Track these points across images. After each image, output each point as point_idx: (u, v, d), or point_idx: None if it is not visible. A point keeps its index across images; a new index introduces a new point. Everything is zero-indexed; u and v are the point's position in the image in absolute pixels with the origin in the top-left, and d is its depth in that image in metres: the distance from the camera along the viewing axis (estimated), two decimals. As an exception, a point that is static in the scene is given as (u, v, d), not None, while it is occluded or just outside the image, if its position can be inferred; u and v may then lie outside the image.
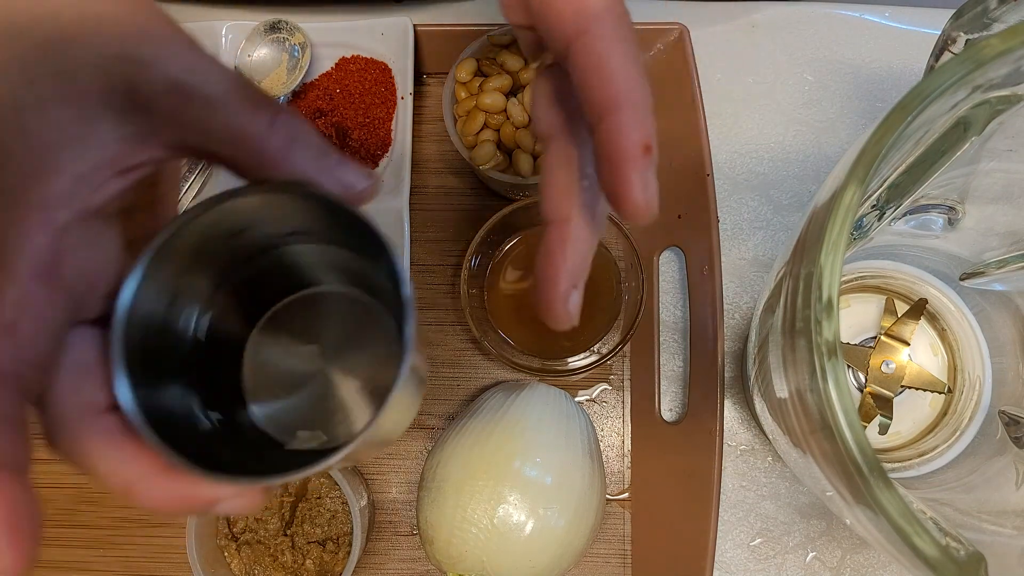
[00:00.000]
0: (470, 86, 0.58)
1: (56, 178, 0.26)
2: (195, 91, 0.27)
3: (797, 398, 0.34)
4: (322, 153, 0.28)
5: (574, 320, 0.33)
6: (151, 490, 0.27)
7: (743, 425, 0.59)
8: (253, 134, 0.27)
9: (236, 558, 0.56)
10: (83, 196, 0.27)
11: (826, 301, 0.30)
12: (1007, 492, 0.46)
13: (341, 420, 0.33)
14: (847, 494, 0.31)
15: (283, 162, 0.28)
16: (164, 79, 0.26)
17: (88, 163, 0.27)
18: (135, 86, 0.27)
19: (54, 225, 0.26)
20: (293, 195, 0.28)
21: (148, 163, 0.28)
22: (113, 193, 0.27)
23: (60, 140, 0.26)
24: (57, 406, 0.27)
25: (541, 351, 0.57)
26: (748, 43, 0.65)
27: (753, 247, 0.62)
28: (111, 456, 0.27)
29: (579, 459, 0.52)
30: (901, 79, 0.63)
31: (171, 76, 0.27)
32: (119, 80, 0.26)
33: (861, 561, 0.57)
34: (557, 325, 0.33)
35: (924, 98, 0.30)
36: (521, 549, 0.49)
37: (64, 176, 0.26)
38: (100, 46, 0.26)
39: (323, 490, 0.57)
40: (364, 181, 0.29)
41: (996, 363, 0.53)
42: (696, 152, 0.61)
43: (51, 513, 0.61)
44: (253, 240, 0.31)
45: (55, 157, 0.26)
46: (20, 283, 0.25)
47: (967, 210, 0.46)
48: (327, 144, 0.29)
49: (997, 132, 0.36)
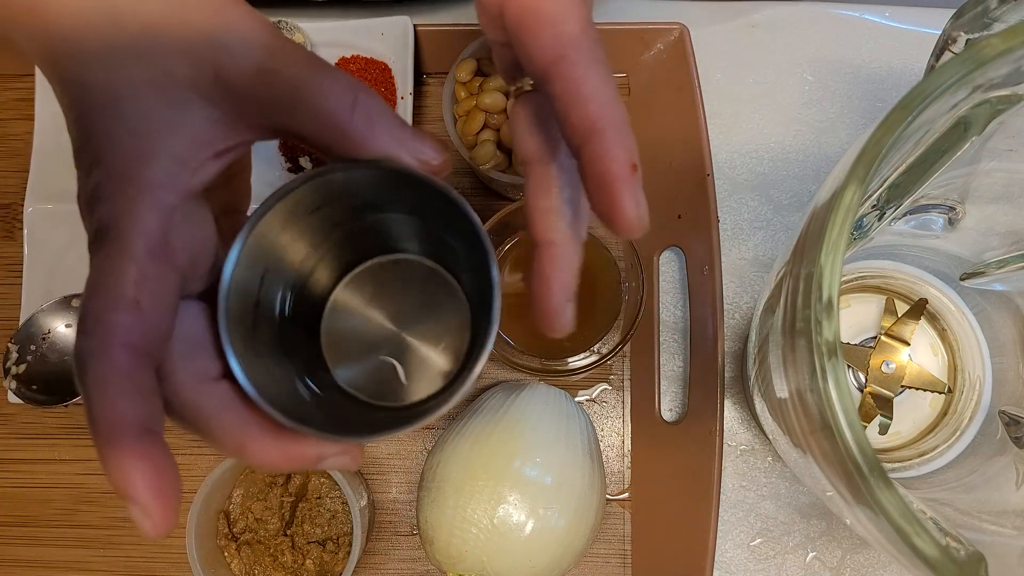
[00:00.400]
0: (470, 86, 0.58)
1: (158, 161, 0.28)
2: (279, 75, 0.28)
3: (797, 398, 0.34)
4: (400, 129, 0.30)
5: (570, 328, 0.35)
6: (263, 450, 0.29)
7: (743, 425, 0.59)
8: (338, 115, 0.29)
9: (236, 558, 0.56)
10: (184, 178, 0.28)
11: (826, 301, 0.29)
12: (1007, 492, 0.45)
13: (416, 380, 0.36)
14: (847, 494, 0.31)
15: (366, 141, 0.29)
16: (250, 64, 0.28)
17: (185, 146, 0.28)
18: (222, 72, 0.28)
19: (162, 206, 0.28)
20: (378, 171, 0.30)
21: (240, 145, 0.30)
22: (211, 174, 0.30)
23: (156, 125, 0.28)
24: (174, 376, 0.29)
25: (541, 351, 0.57)
26: (748, 43, 0.65)
27: (753, 247, 0.62)
28: (226, 420, 0.29)
29: (579, 459, 0.52)
30: (901, 79, 0.63)
31: (256, 61, 0.28)
32: (207, 67, 0.28)
33: (861, 561, 0.57)
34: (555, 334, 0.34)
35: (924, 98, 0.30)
36: (521, 549, 0.49)
37: (165, 159, 0.28)
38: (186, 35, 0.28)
39: (323, 490, 0.57)
40: (439, 155, 0.31)
41: (996, 363, 0.53)
42: (696, 152, 0.61)
43: (50, 513, 0.61)
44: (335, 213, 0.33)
45: (154, 141, 0.28)
46: (139, 262, 0.27)
47: (967, 210, 0.46)
48: (402, 120, 0.30)
49: (997, 132, 0.36)
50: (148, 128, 0.28)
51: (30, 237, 0.61)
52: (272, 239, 0.31)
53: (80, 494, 0.61)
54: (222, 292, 0.29)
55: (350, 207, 0.33)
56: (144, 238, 0.27)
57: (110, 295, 0.27)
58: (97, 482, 0.61)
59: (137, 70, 0.28)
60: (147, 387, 0.27)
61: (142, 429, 0.26)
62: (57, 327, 0.59)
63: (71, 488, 0.61)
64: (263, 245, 0.31)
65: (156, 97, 0.28)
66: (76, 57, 0.28)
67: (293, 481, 0.57)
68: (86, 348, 0.26)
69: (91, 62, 0.28)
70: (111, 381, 0.26)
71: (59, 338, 0.59)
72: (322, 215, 0.32)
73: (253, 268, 0.31)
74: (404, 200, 0.32)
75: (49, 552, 0.61)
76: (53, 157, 0.62)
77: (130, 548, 0.60)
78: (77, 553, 0.60)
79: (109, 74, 0.28)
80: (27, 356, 0.58)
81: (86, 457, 0.61)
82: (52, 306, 0.59)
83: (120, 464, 0.26)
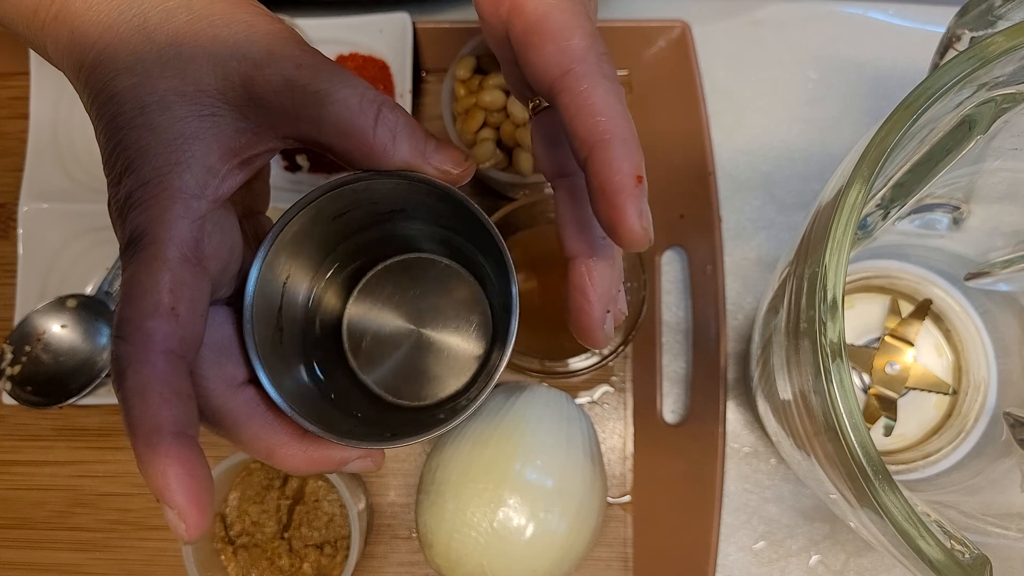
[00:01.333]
0: (470, 84, 0.57)
1: (188, 170, 0.29)
2: (305, 88, 0.29)
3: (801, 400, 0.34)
4: (421, 142, 0.31)
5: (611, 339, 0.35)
6: (290, 455, 0.31)
7: (746, 427, 0.59)
8: (361, 129, 0.30)
9: (233, 561, 0.56)
10: (214, 186, 0.29)
11: (831, 301, 0.30)
12: (1012, 494, 0.45)
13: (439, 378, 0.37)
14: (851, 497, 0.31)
15: (388, 154, 0.30)
16: (278, 77, 0.29)
17: (215, 155, 0.29)
18: (250, 83, 0.29)
19: (194, 214, 0.29)
20: (399, 181, 0.31)
21: (266, 153, 0.31)
22: (239, 182, 0.30)
23: (186, 135, 0.29)
24: (204, 382, 0.30)
25: (542, 352, 0.57)
26: (751, 40, 0.64)
27: (756, 247, 0.61)
28: (254, 426, 0.30)
29: (580, 462, 0.52)
30: (905, 77, 0.63)
31: (284, 74, 0.29)
32: (235, 78, 0.29)
33: (865, 564, 0.57)
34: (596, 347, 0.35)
35: (929, 96, 0.30)
36: (521, 553, 0.49)
37: (196, 168, 0.29)
38: (215, 47, 0.29)
39: (320, 493, 0.56)
40: (459, 166, 0.32)
41: (1001, 364, 0.53)
42: (698, 150, 0.61)
43: (45, 516, 0.61)
44: (357, 218, 0.34)
45: (184, 151, 0.29)
46: (174, 269, 0.28)
47: (972, 209, 0.46)
48: (425, 132, 0.31)
49: (1002, 131, 0.36)
50: (178, 137, 0.29)
51: (25, 237, 0.61)
52: (295, 247, 0.32)
53: (75, 497, 0.61)
54: (247, 301, 0.30)
55: (373, 212, 0.34)
56: (178, 245, 0.28)
57: (148, 302, 0.27)
58: (92, 484, 0.61)
59: (166, 80, 0.29)
60: (184, 393, 0.28)
61: (179, 434, 0.27)
62: (52, 328, 0.59)
63: (66, 491, 0.61)
64: (286, 253, 0.32)
65: (186, 107, 0.29)
66: (105, 67, 0.29)
67: (290, 484, 0.57)
68: (125, 354, 0.27)
69: (121, 72, 0.29)
70: (151, 387, 0.27)
71: (54, 339, 0.59)
72: (344, 221, 0.34)
73: (276, 275, 0.32)
74: (426, 207, 0.33)
75: (44, 555, 0.60)
76: (48, 156, 0.62)
77: (126, 551, 0.60)
78: (72, 556, 0.60)
79: (138, 84, 0.29)
80: (21, 357, 0.58)
81: (81, 459, 0.61)
82: (47, 307, 0.59)
83: (159, 469, 0.26)
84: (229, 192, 0.30)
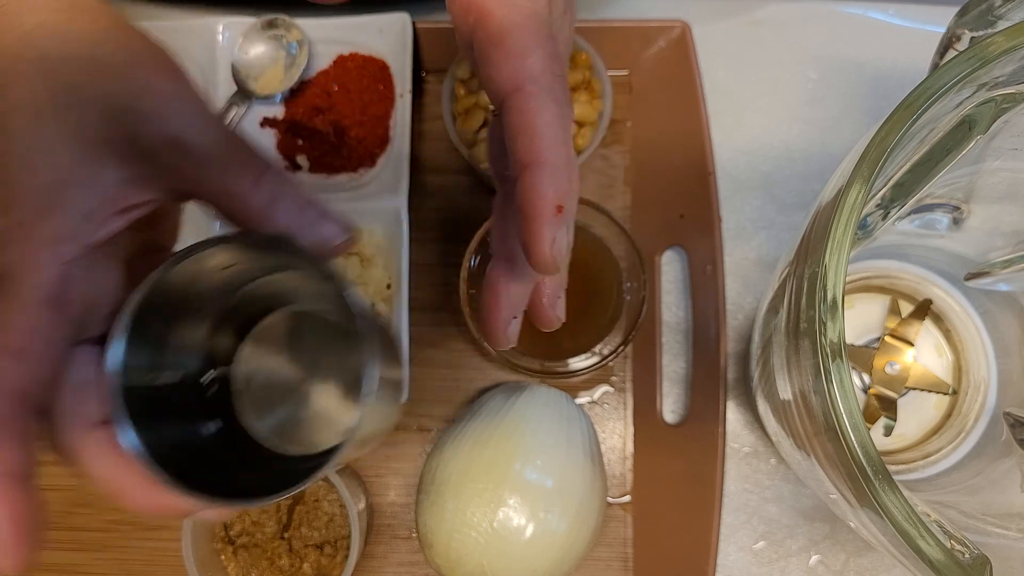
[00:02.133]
0: (469, 83, 0.57)
1: (63, 215, 0.29)
2: (190, 148, 0.30)
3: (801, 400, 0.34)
4: (303, 209, 0.31)
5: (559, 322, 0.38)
6: (138, 497, 0.31)
7: (746, 427, 0.59)
8: (239, 191, 0.30)
9: (233, 561, 0.56)
10: (88, 232, 0.29)
11: (831, 301, 0.30)
12: (1012, 495, 0.45)
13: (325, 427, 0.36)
14: (851, 497, 0.31)
15: (266, 217, 0.31)
16: (162, 134, 0.29)
17: (92, 202, 0.29)
18: (136, 136, 0.29)
19: (62, 259, 0.29)
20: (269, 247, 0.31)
21: (146, 204, 0.31)
22: (114, 229, 0.30)
23: (66, 180, 0.29)
24: (60, 418, 0.30)
25: (542, 352, 0.57)
26: (751, 40, 0.64)
27: (756, 247, 0.61)
28: (105, 465, 0.30)
29: (580, 462, 0.52)
30: (905, 77, 0.62)
31: (169, 132, 0.29)
32: (122, 129, 0.29)
33: (865, 564, 0.57)
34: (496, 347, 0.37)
35: (929, 96, 0.30)
36: (521, 553, 0.49)
37: (70, 213, 0.29)
38: (106, 96, 0.29)
39: (320, 493, 0.56)
40: (341, 235, 0.32)
41: (1001, 364, 0.53)
42: (698, 150, 0.61)
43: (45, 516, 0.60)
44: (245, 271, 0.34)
45: (61, 196, 0.29)
46: (30, 311, 0.28)
47: (972, 209, 0.46)
48: (309, 200, 0.31)
49: (1003, 131, 0.36)
50: (59, 182, 0.29)
51: None
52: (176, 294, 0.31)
53: (76, 496, 0.60)
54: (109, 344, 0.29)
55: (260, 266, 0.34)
56: (39, 289, 0.28)
57: None
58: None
59: (57, 124, 0.29)
60: (21, 434, 0.28)
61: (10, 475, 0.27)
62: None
63: (66, 491, 0.60)
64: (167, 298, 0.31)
65: (71, 153, 0.29)
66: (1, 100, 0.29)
67: (291, 483, 0.57)
68: None
69: (14, 110, 0.29)
70: None
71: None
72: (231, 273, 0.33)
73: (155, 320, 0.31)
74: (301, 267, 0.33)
75: (44, 555, 0.60)
76: None
77: (126, 551, 0.60)
78: (72, 556, 0.60)
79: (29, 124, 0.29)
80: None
81: (82, 459, 0.61)
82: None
83: None
84: (105, 238, 0.30)
